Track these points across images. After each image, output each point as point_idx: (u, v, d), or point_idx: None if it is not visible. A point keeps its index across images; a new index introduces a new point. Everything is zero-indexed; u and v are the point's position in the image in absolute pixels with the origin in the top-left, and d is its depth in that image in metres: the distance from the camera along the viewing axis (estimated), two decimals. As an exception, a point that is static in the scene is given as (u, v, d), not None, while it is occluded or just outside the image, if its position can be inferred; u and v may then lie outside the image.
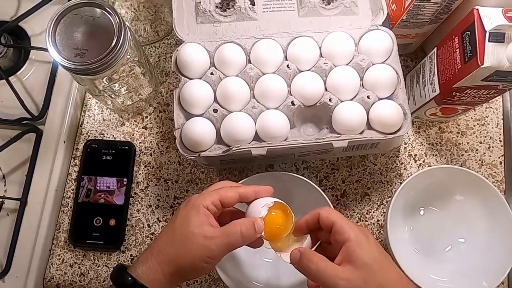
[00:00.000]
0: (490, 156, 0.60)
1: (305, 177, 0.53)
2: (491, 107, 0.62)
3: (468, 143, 0.61)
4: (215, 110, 0.51)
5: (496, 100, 0.63)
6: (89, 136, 0.62)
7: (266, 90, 0.52)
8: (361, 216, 0.59)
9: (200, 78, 0.53)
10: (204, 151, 0.51)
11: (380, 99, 0.53)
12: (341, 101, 0.52)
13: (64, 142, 0.60)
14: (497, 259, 0.51)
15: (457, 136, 0.61)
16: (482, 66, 0.43)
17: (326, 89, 0.53)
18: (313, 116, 0.55)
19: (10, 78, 0.62)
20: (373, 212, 0.59)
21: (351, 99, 0.53)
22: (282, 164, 0.61)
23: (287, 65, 0.53)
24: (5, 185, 0.60)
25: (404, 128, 0.52)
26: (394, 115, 0.51)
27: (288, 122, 0.52)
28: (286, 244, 0.43)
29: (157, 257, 0.41)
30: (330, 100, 0.52)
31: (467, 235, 0.55)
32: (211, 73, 0.53)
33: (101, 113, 0.63)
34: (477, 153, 0.61)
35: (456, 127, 0.62)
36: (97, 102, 0.63)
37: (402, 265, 0.50)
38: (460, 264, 0.54)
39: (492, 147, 0.61)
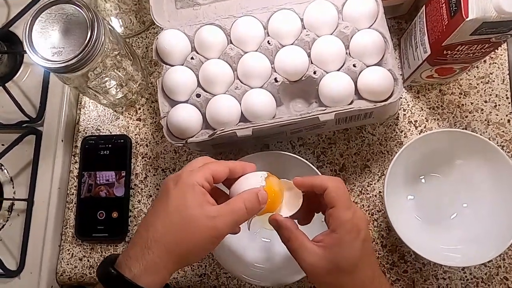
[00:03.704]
0: (497, 115, 0.57)
1: (301, 154, 0.52)
2: (495, 63, 0.58)
3: (472, 103, 0.58)
4: (198, 95, 0.51)
5: (501, 55, 0.58)
6: (86, 132, 0.63)
7: (249, 69, 0.51)
8: (362, 189, 0.57)
9: (182, 65, 0.53)
10: (192, 137, 0.51)
11: (368, 66, 0.50)
12: (327, 73, 0.50)
13: (62, 141, 0.61)
14: (504, 221, 0.48)
15: (460, 97, 0.58)
16: (467, 19, 0.40)
17: (311, 62, 0.51)
18: (300, 91, 0.53)
19: (8, 84, 0.64)
20: (374, 184, 0.57)
21: (338, 70, 0.51)
22: (278, 143, 0.59)
23: (268, 41, 0.51)
24: (13, 187, 0.63)
25: (395, 94, 0.49)
26: (383, 82, 0.49)
27: (273, 100, 0.51)
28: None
29: (155, 249, 0.36)
30: (314, 73, 0.50)
31: (472, 200, 0.52)
32: (191, 58, 0.52)
33: (96, 109, 0.64)
34: (482, 113, 0.57)
35: (458, 87, 0.58)
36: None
37: (403, 236, 0.48)
38: (468, 230, 0.51)
39: (499, 105, 0.57)
